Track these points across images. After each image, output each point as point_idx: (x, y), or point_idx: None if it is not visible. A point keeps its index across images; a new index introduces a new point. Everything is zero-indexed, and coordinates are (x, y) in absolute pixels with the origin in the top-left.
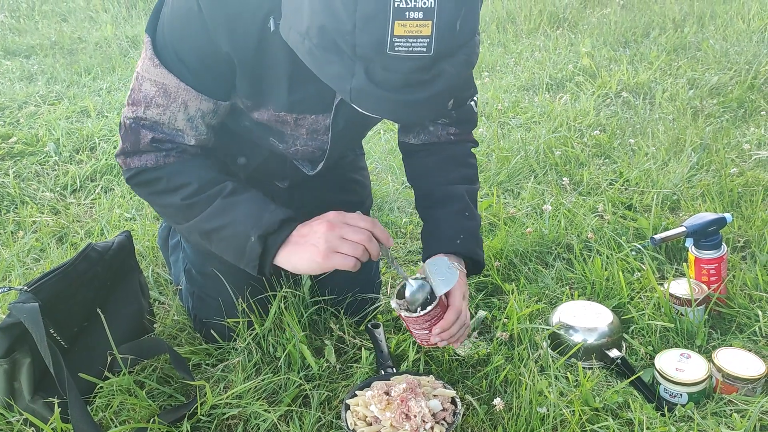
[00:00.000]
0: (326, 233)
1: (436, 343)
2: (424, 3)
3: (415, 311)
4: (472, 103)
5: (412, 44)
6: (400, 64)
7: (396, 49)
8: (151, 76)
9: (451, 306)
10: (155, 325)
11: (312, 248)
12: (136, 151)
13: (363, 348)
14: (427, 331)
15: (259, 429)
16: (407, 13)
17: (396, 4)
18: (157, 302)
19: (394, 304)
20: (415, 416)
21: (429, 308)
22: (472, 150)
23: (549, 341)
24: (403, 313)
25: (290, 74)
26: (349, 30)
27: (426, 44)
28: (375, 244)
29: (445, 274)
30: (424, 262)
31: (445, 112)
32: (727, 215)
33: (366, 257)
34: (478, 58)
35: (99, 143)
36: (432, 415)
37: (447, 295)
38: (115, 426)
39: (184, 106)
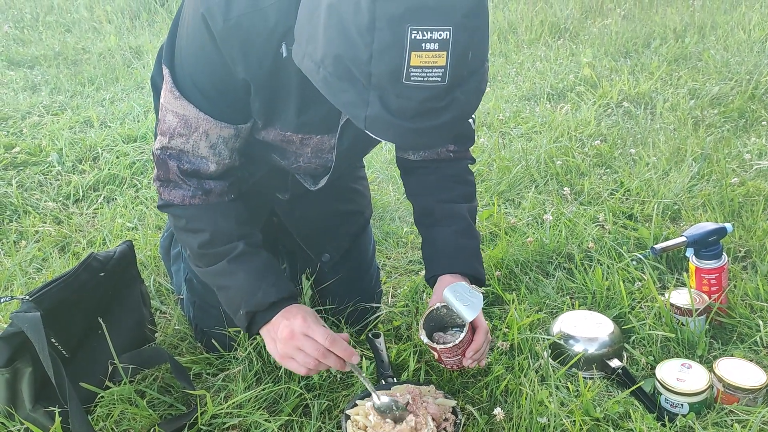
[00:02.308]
0: (285, 341)
1: (466, 366)
2: (440, 35)
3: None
4: (471, 120)
5: (428, 74)
6: (415, 93)
7: (412, 79)
8: (173, 107)
9: (479, 328)
10: (156, 335)
11: (273, 345)
12: (167, 180)
13: (364, 358)
14: (459, 357)
15: None
16: (423, 44)
17: (413, 35)
18: (158, 312)
19: (424, 339)
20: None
21: (462, 336)
22: (470, 167)
23: (549, 351)
24: (437, 346)
25: (300, 96)
26: (365, 60)
27: (441, 74)
28: (332, 359)
29: (469, 299)
30: (426, 281)
31: (457, 132)
32: (728, 225)
33: (320, 369)
34: (487, 83)
35: (102, 153)
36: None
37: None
38: None
39: (206, 135)
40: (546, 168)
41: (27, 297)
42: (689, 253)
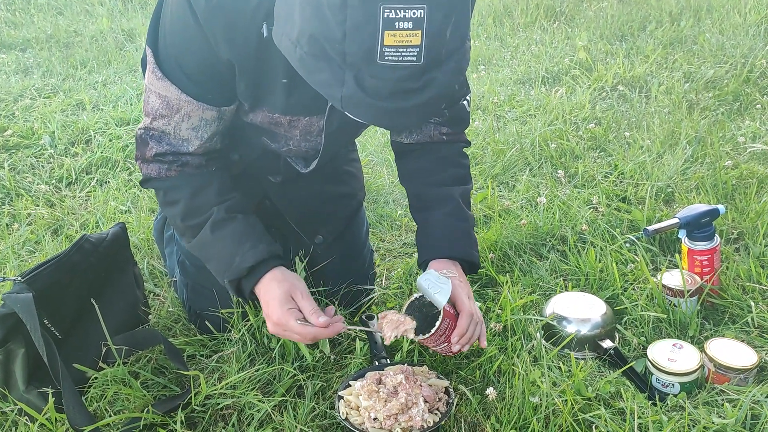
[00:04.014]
0: (271, 327)
1: (459, 350)
2: (414, 13)
3: (427, 332)
4: (465, 102)
5: (402, 54)
6: (390, 72)
7: (386, 58)
8: (156, 88)
9: (462, 311)
10: (150, 317)
11: (267, 313)
12: (144, 159)
13: (357, 339)
14: (446, 344)
15: (253, 419)
16: (397, 23)
17: (386, 14)
18: (152, 294)
19: (411, 335)
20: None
21: (437, 324)
22: (464, 150)
23: (542, 332)
24: (418, 337)
25: (287, 78)
26: (339, 39)
27: (416, 54)
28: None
29: (439, 285)
30: (419, 266)
31: (437, 112)
32: (720, 206)
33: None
34: (469, 63)
35: (94, 136)
36: (425, 402)
37: (453, 302)
38: (110, 416)
39: (187, 117)
40: (540, 151)
41: (19, 278)
42: (682, 234)
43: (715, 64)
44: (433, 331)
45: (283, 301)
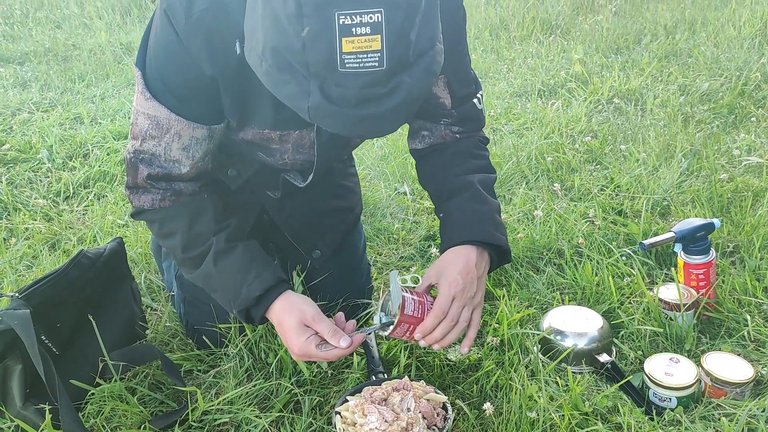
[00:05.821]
0: (290, 352)
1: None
2: (371, 18)
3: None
4: (475, 101)
5: (363, 60)
6: (353, 80)
7: (347, 66)
8: (144, 109)
9: (432, 309)
10: (147, 332)
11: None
12: (135, 186)
13: (354, 354)
14: (412, 340)
15: None
16: (354, 29)
17: (341, 21)
18: (149, 309)
19: (375, 319)
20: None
21: (390, 329)
22: (481, 143)
23: (539, 346)
24: (386, 332)
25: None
26: (299, 49)
27: (377, 59)
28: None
29: (396, 296)
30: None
31: (444, 112)
32: (716, 220)
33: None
34: (442, 65)
35: (92, 150)
36: (423, 418)
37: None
38: None
39: (178, 136)
40: (537, 164)
41: (16, 294)
42: (677, 248)
43: (710, 77)
44: (387, 332)
45: (299, 331)
